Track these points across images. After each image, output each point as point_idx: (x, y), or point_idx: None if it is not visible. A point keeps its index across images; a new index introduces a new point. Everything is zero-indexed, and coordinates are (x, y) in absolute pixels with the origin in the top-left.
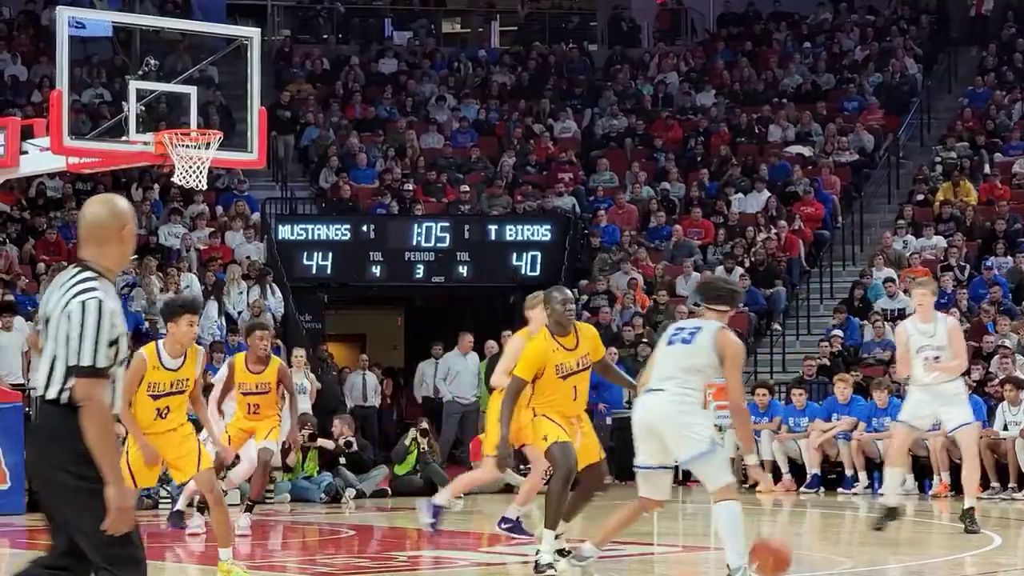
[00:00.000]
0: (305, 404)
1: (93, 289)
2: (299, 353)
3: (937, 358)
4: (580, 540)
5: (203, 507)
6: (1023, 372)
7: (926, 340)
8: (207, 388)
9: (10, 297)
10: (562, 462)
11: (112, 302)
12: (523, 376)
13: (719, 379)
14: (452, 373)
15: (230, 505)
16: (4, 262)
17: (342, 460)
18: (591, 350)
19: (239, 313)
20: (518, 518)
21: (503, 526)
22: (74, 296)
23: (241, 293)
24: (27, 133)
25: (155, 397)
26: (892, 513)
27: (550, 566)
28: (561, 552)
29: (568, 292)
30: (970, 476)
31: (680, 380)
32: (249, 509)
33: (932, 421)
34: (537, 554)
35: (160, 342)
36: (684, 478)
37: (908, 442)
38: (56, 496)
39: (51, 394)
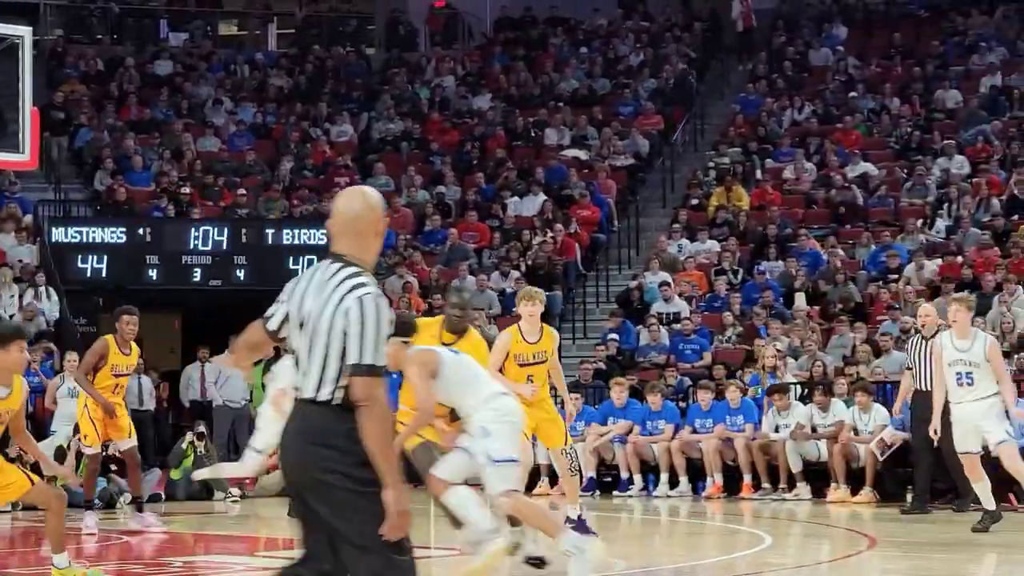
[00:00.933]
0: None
1: (365, 285)
2: (72, 357)
3: (970, 375)
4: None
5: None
6: (794, 375)
7: (959, 355)
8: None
9: None
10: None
11: (382, 298)
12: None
13: None
14: (223, 377)
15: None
16: None
17: (113, 466)
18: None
19: (11, 317)
20: (580, 516)
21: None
22: (348, 292)
23: (13, 296)
24: None
25: None
26: (994, 515)
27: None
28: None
29: (465, 296)
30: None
31: None
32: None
33: (982, 436)
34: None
35: None
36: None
37: (978, 462)
38: (323, 500)
39: (323, 395)
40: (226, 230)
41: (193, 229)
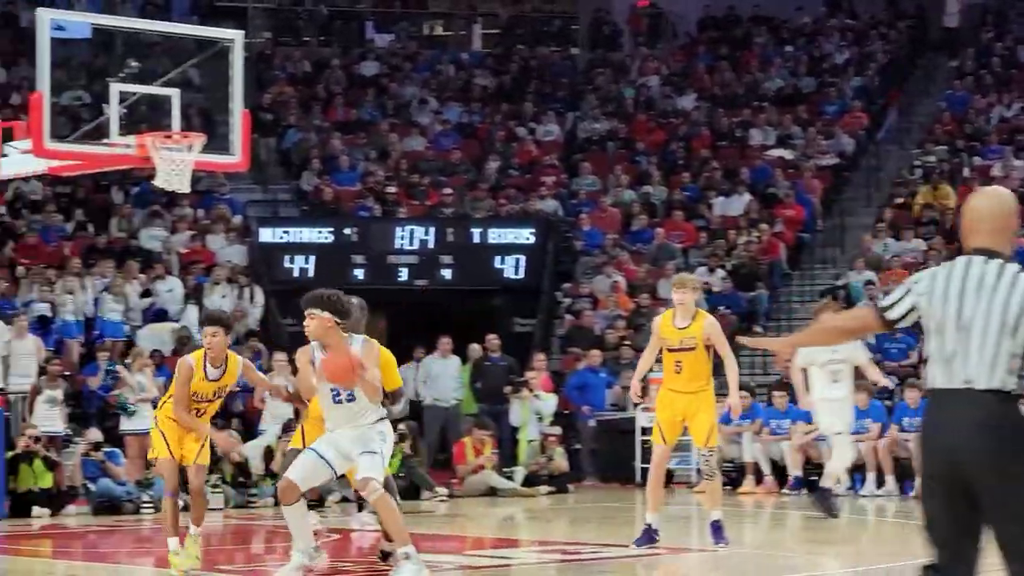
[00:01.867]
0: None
1: None
2: (280, 357)
3: None
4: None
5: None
6: None
7: None
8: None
9: None
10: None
11: None
12: None
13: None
14: (432, 376)
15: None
16: None
17: None
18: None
19: None
20: (716, 521)
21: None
22: None
23: (225, 296)
24: (7, 136)
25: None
26: None
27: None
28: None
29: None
30: None
31: None
32: None
33: None
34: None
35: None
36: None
37: None
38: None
39: (995, 383)
40: (432, 229)
41: (399, 229)
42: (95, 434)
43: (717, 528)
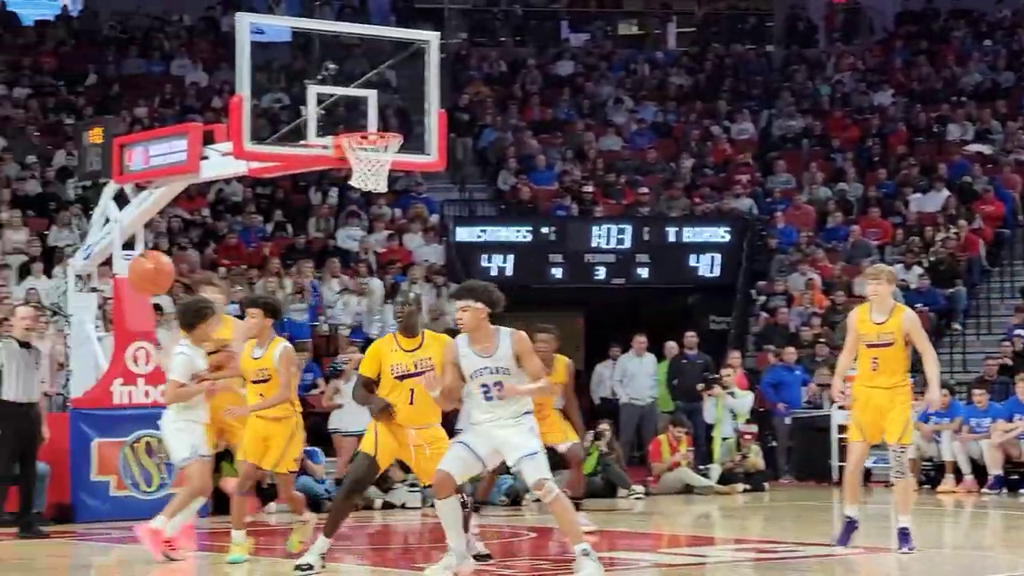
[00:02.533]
0: None
1: None
2: None
3: None
4: None
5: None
6: None
7: None
8: None
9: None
10: (352, 470)
11: None
12: (364, 373)
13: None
14: (628, 375)
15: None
16: (185, 266)
17: None
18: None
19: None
20: (904, 528)
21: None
22: None
23: (422, 295)
24: (208, 138)
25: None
26: None
27: (310, 567)
28: None
29: (410, 294)
30: None
31: None
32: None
33: None
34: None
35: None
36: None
37: None
38: None
39: None
40: (628, 228)
41: (596, 228)
42: None
43: (904, 535)
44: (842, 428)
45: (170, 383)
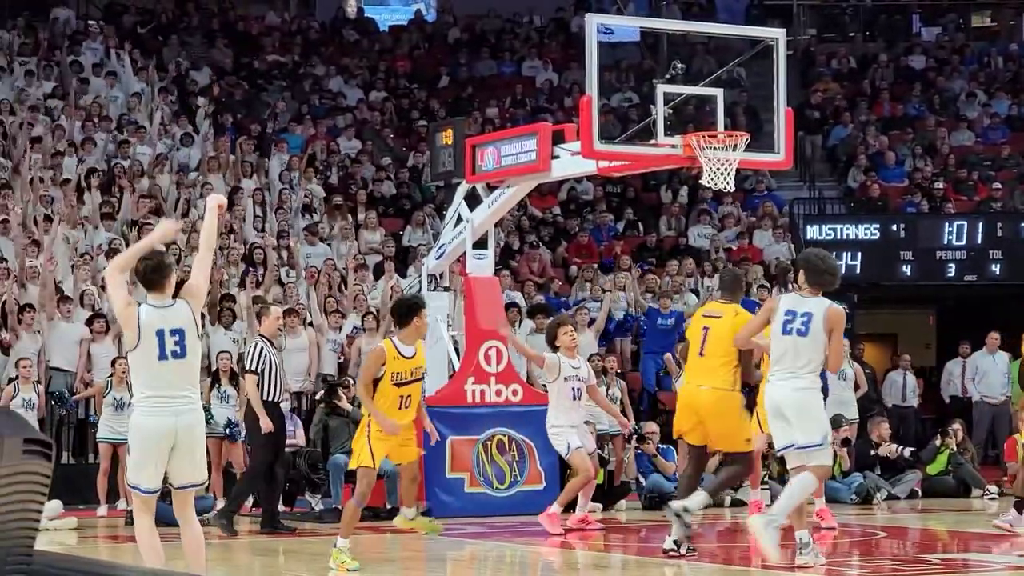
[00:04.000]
0: None
1: None
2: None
3: None
4: None
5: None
6: None
7: None
8: None
9: (541, 299)
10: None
11: None
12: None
13: None
14: (980, 372)
15: None
16: (537, 265)
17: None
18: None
19: None
20: None
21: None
22: None
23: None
24: (558, 138)
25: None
26: None
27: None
28: None
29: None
30: None
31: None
32: None
33: None
34: None
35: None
36: None
37: None
38: None
39: None
40: (980, 224)
41: (947, 224)
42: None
43: None
44: None
45: None
